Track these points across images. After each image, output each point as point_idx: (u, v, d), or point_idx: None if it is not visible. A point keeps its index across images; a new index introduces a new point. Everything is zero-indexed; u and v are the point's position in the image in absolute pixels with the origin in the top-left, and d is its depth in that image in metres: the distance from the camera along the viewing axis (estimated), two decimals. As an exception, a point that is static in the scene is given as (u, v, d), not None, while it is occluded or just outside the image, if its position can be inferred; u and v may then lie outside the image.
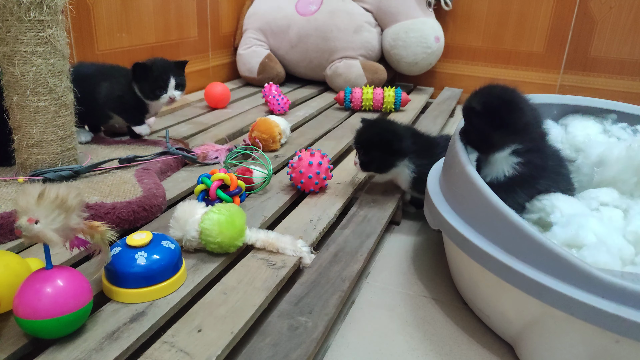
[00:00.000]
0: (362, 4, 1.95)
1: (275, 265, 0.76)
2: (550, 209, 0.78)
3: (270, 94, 1.60)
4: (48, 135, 0.94)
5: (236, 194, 0.90)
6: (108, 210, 0.83)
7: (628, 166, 0.86)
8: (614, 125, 1.04)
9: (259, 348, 0.61)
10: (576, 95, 1.16)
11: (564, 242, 0.71)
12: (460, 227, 0.73)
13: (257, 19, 1.99)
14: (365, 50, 1.90)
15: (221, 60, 2.01)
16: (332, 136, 1.41)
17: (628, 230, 0.73)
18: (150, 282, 0.66)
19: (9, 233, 0.78)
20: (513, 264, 0.63)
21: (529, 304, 0.64)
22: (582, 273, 0.57)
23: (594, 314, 0.55)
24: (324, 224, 0.91)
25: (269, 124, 1.24)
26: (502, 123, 0.77)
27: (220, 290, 0.70)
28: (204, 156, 1.14)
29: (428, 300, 0.84)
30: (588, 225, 0.71)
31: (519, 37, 2.01)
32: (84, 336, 0.59)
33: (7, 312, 0.61)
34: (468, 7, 2.06)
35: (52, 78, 0.92)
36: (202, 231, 0.74)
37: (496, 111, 0.77)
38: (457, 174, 0.79)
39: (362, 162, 0.99)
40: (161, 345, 0.59)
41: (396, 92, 1.66)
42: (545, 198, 0.80)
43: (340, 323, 0.77)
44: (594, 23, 1.88)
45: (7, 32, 0.87)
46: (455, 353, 0.72)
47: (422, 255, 0.98)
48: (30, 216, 0.54)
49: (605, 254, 0.66)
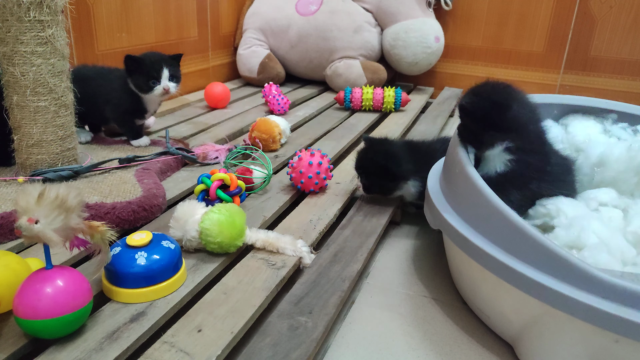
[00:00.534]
0: (362, 4, 1.95)
1: (275, 265, 0.76)
2: (555, 212, 0.78)
3: (270, 94, 1.60)
4: (48, 135, 0.94)
5: (236, 194, 0.90)
6: (108, 210, 0.83)
7: (629, 166, 0.86)
8: (614, 125, 1.04)
9: (259, 348, 0.61)
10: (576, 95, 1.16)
11: (566, 244, 0.71)
12: (460, 227, 0.73)
13: (257, 19, 1.99)
14: (365, 50, 1.90)
15: (221, 60, 2.01)
16: (332, 136, 1.41)
17: (628, 230, 0.73)
18: (150, 282, 0.66)
19: (9, 233, 0.78)
20: (513, 264, 0.63)
21: (528, 304, 0.64)
22: (582, 273, 0.57)
23: (594, 314, 0.55)
24: (324, 224, 0.91)
25: (269, 124, 1.24)
26: (491, 122, 0.77)
27: (220, 290, 0.70)
28: (204, 156, 1.14)
29: (428, 300, 0.84)
30: (590, 228, 0.71)
31: (519, 37, 2.01)
32: (84, 336, 0.59)
33: (7, 312, 0.61)
34: (468, 7, 2.06)
35: (52, 78, 0.92)
36: (202, 231, 0.74)
37: (484, 111, 0.77)
38: (457, 174, 0.79)
39: (364, 186, 0.99)
40: (161, 345, 0.59)
41: (396, 92, 1.66)
42: (550, 202, 0.80)
43: (340, 323, 0.77)
44: (594, 23, 1.88)
45: (7, 32, 0.87)
46: (455, 353, 0.72)
47: (422, 255, 0.98)
48: (30, 216, 0.54)
49: (606, 254, 0.66)
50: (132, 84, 1.14)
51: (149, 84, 1.12)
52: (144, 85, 1.13)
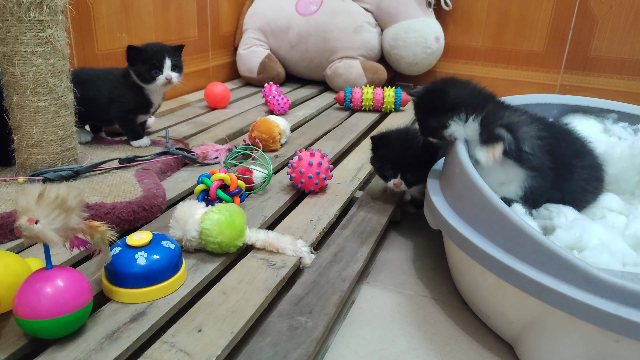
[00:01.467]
0: (362, 4, 1.95)
1: (275, 265, 0.76)
2: (556, 214, 0.78)
3: (270, 94, 1.60)
4: (48, 135, 0.94)
5: (236, 194, 0.90)
6: (108, 210, 0.83)
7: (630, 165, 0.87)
8: (615, 124, 1.04)
9: (259, 348, 0.61)
10: (576, 95, 1.16)
11: (567, 245, 0.71)
12: (460, 227, 0.73)
13: (257, 19, 1.99)
14: (365, 50, 1.90)
15: (221, 60, 2.01)
16: (332, 136, 1.41)
17: (626, 234, 0.73)
18: (150, 282, 0.66)
19: (9, 233, 0.78)
20: (513, 264, 0.63)
21: (529, 304, 0.64)
22: (582, 273, 0.57)
23: (594, 314, 0.55)
24: (324, 224, 0.91)
25: (269, 124, 1.24)
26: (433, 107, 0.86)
27: (220, 290, 0.70)
28: (204, 156, 1.14)
29: (428, 300, 0.84)
30: (591, 229, 0.71)
31: (519, 37, 2.01)
32: (84, 336, 0.59)
33: (7, 312, 0.61)
34: (468, 7, 2.06)
35: (52, 78, 0.92)
36: (202, 231, 0.74)
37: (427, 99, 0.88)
38: (457, 173, 0.79)
39: (409, 182, 0.97)
40: (161, 345, 0.59)
41: (396, 92, 1.66)
42: (552, 206, 0.80)
43: (340, 323, 0.77)
44: (594, 22, 1.88)
45: (7, 32, 0.87)
46: (456, 353, 0.72)
47: (422, 255, 0.98)
48: (30, 216, 0.54)
49: (607, 254, 0.66)
50: (134, 74, 1.13)
51: (151, 73, 1.11)
52: (147, 75, 1.12)
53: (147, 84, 1.13)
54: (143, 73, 1.12)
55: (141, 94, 1.15)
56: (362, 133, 1.48)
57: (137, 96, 1.15)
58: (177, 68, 1.15)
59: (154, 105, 1.19)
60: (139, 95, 1.15)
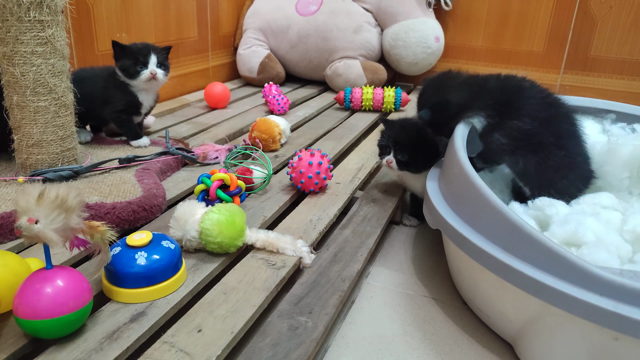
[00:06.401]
0: (362, 4, 1.95)
1: (275, 265, 0.76)
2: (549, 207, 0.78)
3: (270, 94, 1.60)
4: (48, 135, 0.94)
5: (236, 194, 0.90)
6: (108, 210, 0.83)
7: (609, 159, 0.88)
8: (613, 125, 1.05)
9: (259, 348, 0.61)
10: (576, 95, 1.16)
11: (562, 241, 0.71)
12: (459, 227, 0.73)
13: (257, 19, 1.99)
14: (365, 50, 1.90)
15: (221, 60, 2.01)
16: (332, 136, 1.41)
17: (625, 229, 0.73)
18: (150, 282, 0.66)
19: (9, 233, 0.78)
20: (512, 263, 0.63)
21: (528, 303, 0.64)
22: (580, 271, 0.57)
23: (593, 312, 0.55)
24: (324, 224, 0.91)
25: (269, 124, 1.24)
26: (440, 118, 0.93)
27: (220, 290, 0.70)
28: (204, 156, 1.14)
29: (428, 300, 0.84)
30: (586, 224, 0.71)
31: (519, 37, 2.01)
32: (84, 336, 0.59)
33: (7, 312, 0.62)
34: (468, 7, 2.06)
35: (52, 78, 0.92)
36: (202, 231, 0.74)
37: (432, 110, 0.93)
38: (457, 173, 0.79)
39: (400, 162, 0.98)
40: (161, 345, 0.59)
41: (396, 92, 1.66)
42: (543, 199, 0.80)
43: (340, 323, 0.77)
44: (594, 23, 1.88)
45: (7, 32, 0.87)
46: (455, 353, 0.72)
47: (422, 255, 0.98)
48: (30, 216, 0.54)
49: (604, 252, 0.66)
50: (119, 70, 1.13)
51: (135, 68, 1.11)
52: (131, 69, 1.12)
53: (131, 79, 1.13)
54: (128, 68, 1.12)
55: (128, 92, 1.15)
56: (362, 133, 1.48)
57: (124, 95, 1.15)
58: (163, 66, 1.15)
59: (143, 106, 1.18)
60: (126, 93, 1.15)
